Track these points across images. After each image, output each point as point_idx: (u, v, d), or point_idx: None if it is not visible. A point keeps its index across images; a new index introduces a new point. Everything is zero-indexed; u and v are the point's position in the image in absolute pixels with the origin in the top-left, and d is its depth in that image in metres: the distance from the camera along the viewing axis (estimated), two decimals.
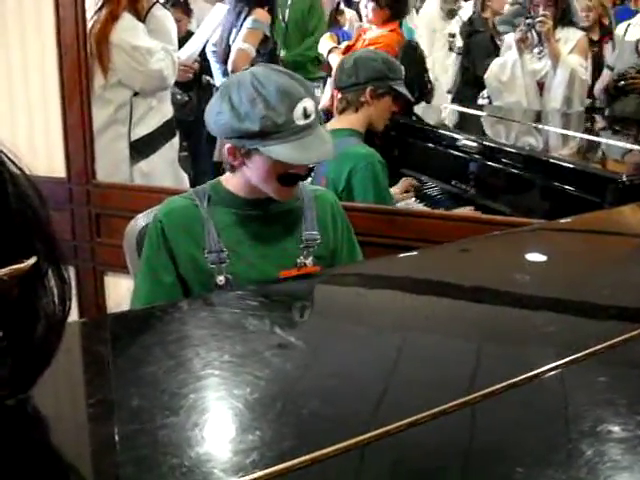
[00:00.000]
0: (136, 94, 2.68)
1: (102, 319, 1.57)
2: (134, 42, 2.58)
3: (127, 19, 2.59)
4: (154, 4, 2.70)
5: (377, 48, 2.90)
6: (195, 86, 3.47)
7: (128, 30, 2.58)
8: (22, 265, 0.70)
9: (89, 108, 2.35)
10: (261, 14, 3.25)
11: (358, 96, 2.32)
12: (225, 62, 3.37)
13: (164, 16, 2.75)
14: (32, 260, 0.71)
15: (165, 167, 2.81)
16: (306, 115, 1.51)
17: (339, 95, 2.41)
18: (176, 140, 2.92)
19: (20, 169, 0.72)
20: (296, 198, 1.65)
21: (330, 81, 3.31)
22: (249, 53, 3.19)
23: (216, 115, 1.56)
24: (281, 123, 1.48)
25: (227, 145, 1.56)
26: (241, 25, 3.29)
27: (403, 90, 2.42)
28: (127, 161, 2.68)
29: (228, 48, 3.35)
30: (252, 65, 3.08)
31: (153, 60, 2.61)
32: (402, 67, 2.46)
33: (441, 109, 3.71)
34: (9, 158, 0.71)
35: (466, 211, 2.50)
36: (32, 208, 0.73)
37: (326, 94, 3.39)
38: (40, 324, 0.75)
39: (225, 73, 3.38)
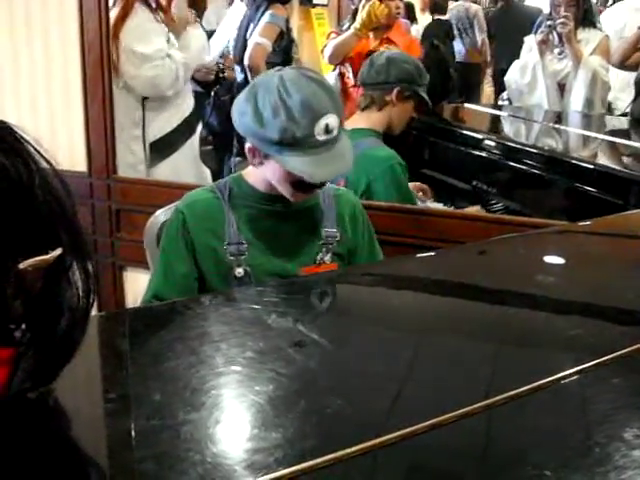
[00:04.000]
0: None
1: (123, 313, 1.57)
2: (133, 45, 2.54)
3: (139, 18, 2.56)
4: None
5: None
6: (216, 84, 3.45)
7: (133, 31, 2.54)
8: (47, 257, 0.70)
9: (111, 103, 2.36)
10: (279, 9, 3.24)
11: (384, 95, 2.30)
12: (241, 61, 3.34)
13: (196, 35, 2.76)
14: (57, 252, 0.71)
15: (187, 165, 2.80)
16: (327, 131, 1.49)
17: (362, 91, 2.38)
18: (196, 137, 2.91)
19: (48, 162, 0.72)
20: (317, 196, 1.65)
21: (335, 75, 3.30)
22: (266, 47, 3.17)
23: (240, 115, 1.54)
24: (300, 137, 1.46)
25: (248, 144, 1.57)
26: (259, 20, 3.28)
27: (426, 96, 2.40)
28: (143, 163, 2.67)
29: (245, 45, 3.34)
30: (268, 61, 3.08)
31: (147, 66, 2.56)
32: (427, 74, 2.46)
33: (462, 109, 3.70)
34: (37, 151, 0.71)
35: (474, 210, 2.49)
36: (58, 200, 0.73)
37: None
38: (64, 317, 0.75)
39: (243, 71, 3.37)
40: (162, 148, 2.73)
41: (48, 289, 0.73)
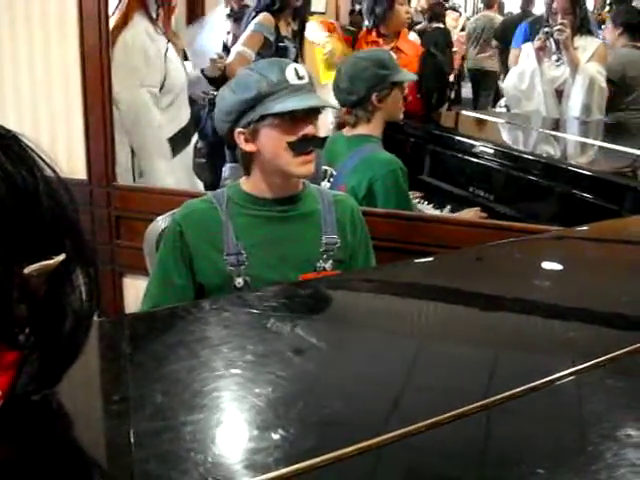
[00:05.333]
0: None
1: (125, 318, 1.58)
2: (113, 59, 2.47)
3: (131, 35, 2.53)
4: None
5: None
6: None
7: (122, 46, 2.51)
8: (51, 262, 0.71)
9: (110, 111, 2.38)
10: (264, 18, 3.22)
11: (365, 108, 2.30)
12: None
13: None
14: (61, 257, 0.72)
15: (181, 175, 2.77)
16: (299, 76, 1.57)
17: (344, 110, 2.38)
18: (191, 147, 2.89)
19: (52, 169, 0.73)
20: (316, 201, 1.66)
21: None
22: (247, 57, 3.12)
23: (220, 105, 1.64)
24: (275, 82, 1.55)
25: (237, 132, 1.59)
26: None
27: (404, 77, 2.41)
28: (130, 171, 2.65)
29: None
30: None
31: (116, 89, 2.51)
32: (392, 55, 2.44)
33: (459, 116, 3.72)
34: (42, 159, 0.73)
35: (472, 211, 2.51)
36: (62, 207, 0.74)
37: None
38: (68, 321, 0.76)
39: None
40: None
41: (52, 293, 0.74)
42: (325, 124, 2.59)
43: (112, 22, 2.47)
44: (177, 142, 2.75)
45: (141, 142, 2.60)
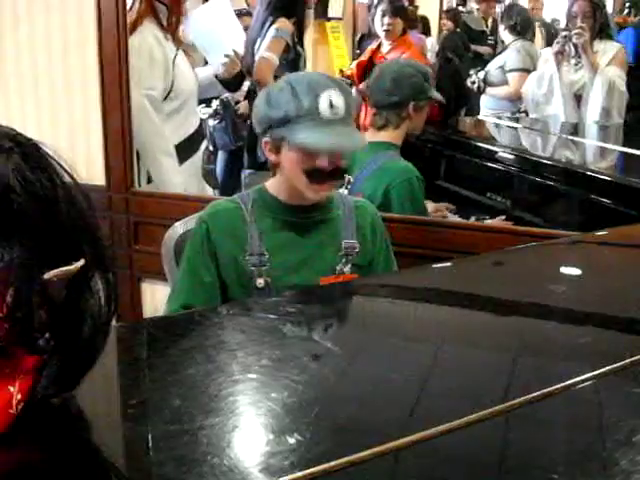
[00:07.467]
0: None
1: (142, 323, 1.59)
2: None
3: (138, 40, 2.51)
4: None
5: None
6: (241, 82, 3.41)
7: (132, 49, 2.48)
8: (71, 267, 0.73)
9: (129, 117, 2.39)
10: (284, 23, 3.25)
11: (399, 113, 2.30)
12: (250, 72, 3.37)
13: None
14: (80, 263, 0.73)
15: (189, 182, 2.77)
16: (332, 106, 1.54)
17: (374, 111, 2.38)
18: (199, 154, 2.86)
19: (71, 176, 0.75)
20: (337, 207, 1.68)
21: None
22: (272, 62, 3.17)
23: (254, 110, 1.66)
24: (305, 109, 1.53)
25: (264, 140, 1.62)
26: (265, 34, 3.31)
27: (437, 95, 2.41)
28: (137, 177, 2.65)
29: (252, 58, 3.36)
30: (275, 74, 3.13)
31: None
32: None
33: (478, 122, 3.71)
34: (61, 165, 0.74)
35: (498, 221, 2.50)
36: (81, 213, 0.76)
37: None
38: (87, 325, 0.78)
39: (252, 85, 3.39)
40: None
41: (71, 298, 0.75)
42: None
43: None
44: (184, 149, 2.72)
45: (144, 143, 2.59)
